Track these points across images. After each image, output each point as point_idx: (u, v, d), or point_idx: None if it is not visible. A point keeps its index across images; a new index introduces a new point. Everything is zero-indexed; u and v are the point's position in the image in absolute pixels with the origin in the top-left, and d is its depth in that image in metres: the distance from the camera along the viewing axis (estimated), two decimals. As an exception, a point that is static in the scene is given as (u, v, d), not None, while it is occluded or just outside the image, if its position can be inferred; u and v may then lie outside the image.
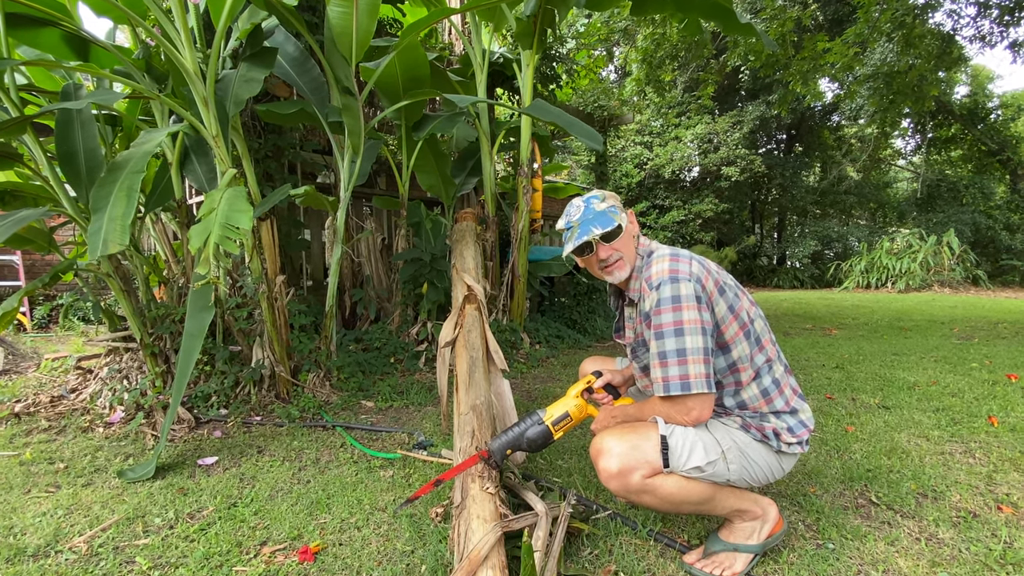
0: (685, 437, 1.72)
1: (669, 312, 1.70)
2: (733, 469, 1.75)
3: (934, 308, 10.17)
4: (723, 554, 1.83)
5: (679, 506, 1.75)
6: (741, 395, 1.81)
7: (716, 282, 1.76)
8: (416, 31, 4.04)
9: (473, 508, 1.82)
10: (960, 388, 4.02)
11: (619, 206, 1.93)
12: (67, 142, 3.45)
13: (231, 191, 2.92)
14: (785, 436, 1.79)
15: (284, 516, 2.22)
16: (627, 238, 1.89)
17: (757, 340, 1.81)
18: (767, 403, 1.80)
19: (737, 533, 1.85)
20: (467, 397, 2.56)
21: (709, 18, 4.91)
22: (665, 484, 1.70)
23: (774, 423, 1.79)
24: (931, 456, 2.76)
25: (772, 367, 1.82)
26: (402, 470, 2.68)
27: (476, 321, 3.36)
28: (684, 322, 1.68)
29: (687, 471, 1.70)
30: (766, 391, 1.80)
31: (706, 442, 1.73)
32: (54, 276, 3.39)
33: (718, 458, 1.72)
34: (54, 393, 4.01)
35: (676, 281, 1.71)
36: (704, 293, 1.72)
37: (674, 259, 1.77)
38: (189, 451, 2.99)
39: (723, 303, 1.76)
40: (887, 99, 10.79)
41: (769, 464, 1.81)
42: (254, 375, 3.67)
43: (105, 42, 3.41)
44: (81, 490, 2.50)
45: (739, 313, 1.78)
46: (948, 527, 2.07)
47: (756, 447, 1.79)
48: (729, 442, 1.76)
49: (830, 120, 21.44)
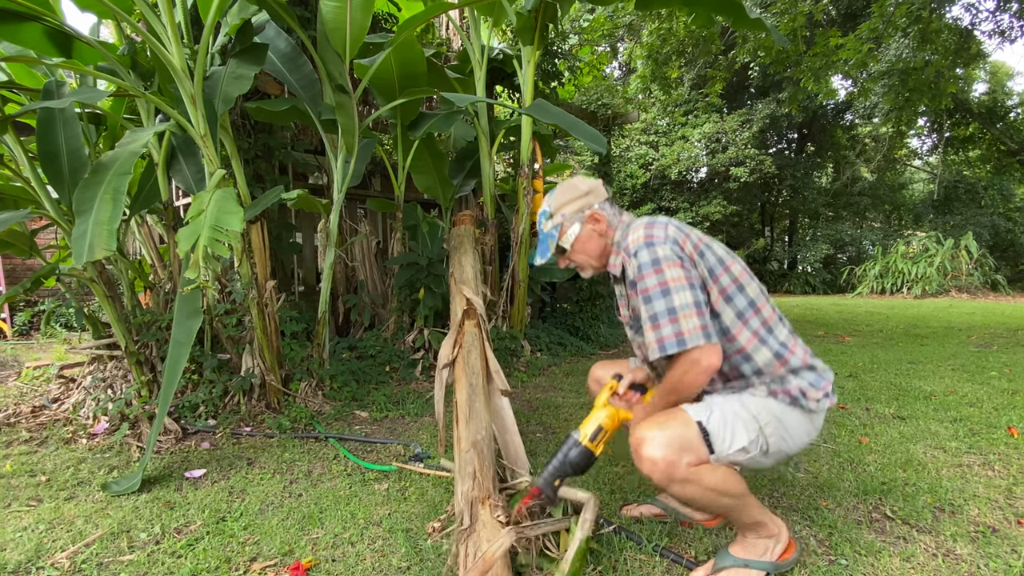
0: (724, 418, 1.75)
1: (652, 275, 1.76)
2: (772, 442, 1.78)
3: (951, 314, 10.19)
4: (733, 570, 1.83)
5: (717, 499, 1.75)
6: (755, 361, 1.83)
7: (695, 245, 1.82)
8: (412, 26, 4.06)
9: (483, 533, 1.83)
10: (978, 398, 4.03)
11: (569, 214, 2.01)
12: (49, 141, 3.46)
13: (220, 192, 2.93)
14: (811, 393, 1.81)
15: (275, 531, 2.22)
16: (583, 244, 2.01)
17: (751, 304, 1.84)
18: (783, 364, 1.82)
19: (750, 549, 1.86)
20: (467, 431, 2.50)
21: (717, 12, 4.93)
22: (712, 474, 1.72)
23: (796, 383, 1.82)
24: (948, 468, 2.77)
25: (774, 329, 1.86)
26: (398, 483, 2.69)
27: (476, 339, 3.33)
28: (668, 281, 1.74)
29: (734, 453, 1.74)
30: (778, 353, 1.83)
31: (744, 419, 1.77)
32: (36, 281, 3.40)
33: (757, 435, 1.76)
34: (35, 403, 4.01)
35: (652, 245, 1.79)
36: (684, 253, 1.79)
37: (649, 226, 1.85)
38: (176, 463, 2.99)
39: (703, 266, 1.81)
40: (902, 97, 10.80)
41: (803, 427, 1.83)
42: (244, 384, 3.68)
43: (89, 38, 3.42)
44: (64, 504, 2.50)
45: (719, 277, 1.82)
46: (966, 542, 2.08)
47: (789, 412, 1.81)
48: (766, 415, 1.79)
49: (843, 119, 21.48)
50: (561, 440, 2.64)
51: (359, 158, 4.35)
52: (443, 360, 3.11)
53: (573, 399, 4.19)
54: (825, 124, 21.35)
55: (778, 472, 2.70)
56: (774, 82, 17.16)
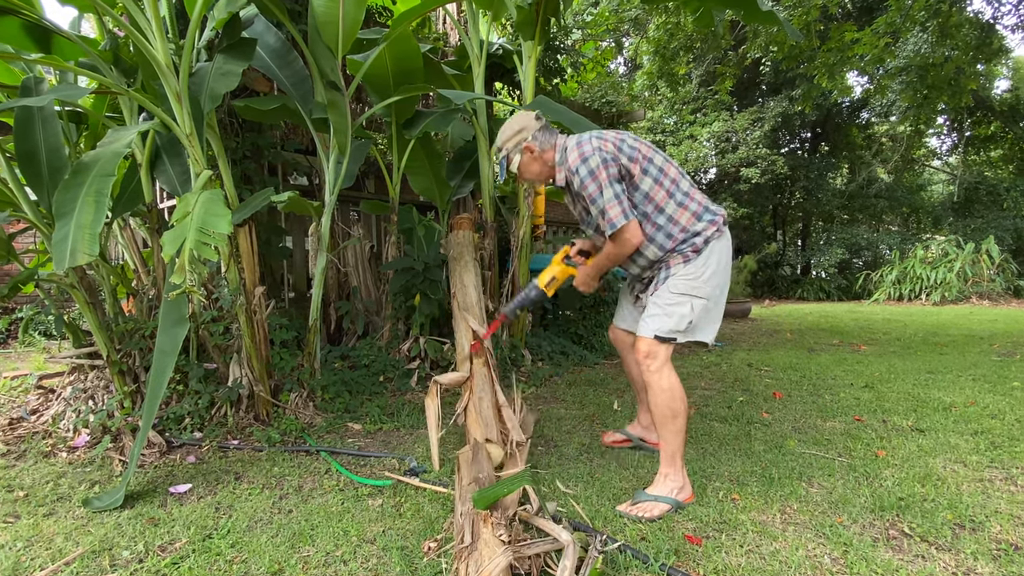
0: (674, 315, 2.61)
1: (591, 183, 2.57)
2: (706, 292, 2.64)
3: (972, 322, 10.20)
4: (648, 502, 2.50)
5: (669, 403, 2.58)
6: (667, 211, 2.64)
7: (615, 144, 2.62)
8: (408, 20, 4.08)
9: (485, 551, 1.84)
10: (1001, 409, 4.04)
11: (511, 148, 2.80)
12: (27, 141, 3.48)
13: (207, 194, 2.94)
14: (707, 232, 2.64)
15: (264, 549, 2.23)
16: (526, 167, 2.83)
17: (660, 170, 2.66)
18: (685, 210, 2.65)
19: (660, 489, 2.56)
20: (469, 471, 2.52)
21: (727, 5, 4.96)
22: (670, 376, 2.62)
23: (698, 238, 2.64)
24: (969, 483, 2.78)
25: (679, 184, 2.68)
26: (392, 498, 2.69)
27: (486, 382, 3.33)
28: (601, 183, 2.55)
29: (687, 324, 2.61)
30: (680, 202, 2.65)
31: (680, 301, 2.61)
32: (13, 287, 3.41)
33: (690, 302, 2.61)
34: (13, 415, 4.02)
35: (586, 160, 2.59)
36: (606, 153, 2.58)
37: (579, 146, 2.64)
38: (160, 478, 3.00)
39: (623, 157, 2.61)
40: (921, 94, 10.84)
41: (715, 256, 2.66)
42: (231, 395, 3.68)
43: (69, 32, 3.44)
44: (42, 520, 2.50)
45: (636, 160, 2.62)
46: (988, 560, 2.08)
47: (702, 260, 2.63)
48: (688, 284, 2.62)
49: (859, 117, 21.49)
50: (564, 454, 3.23)
51: (352, 158, 4.37)
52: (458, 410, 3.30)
53: (576, 411, 4.20)
54: (840, 123, 21.37)
55: (791, 488, 2.71)
56: (787, 79, 17.17)
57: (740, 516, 2.44)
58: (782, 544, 2.20)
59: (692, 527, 2.37)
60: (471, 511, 2.09)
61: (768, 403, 4.36)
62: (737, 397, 4.54)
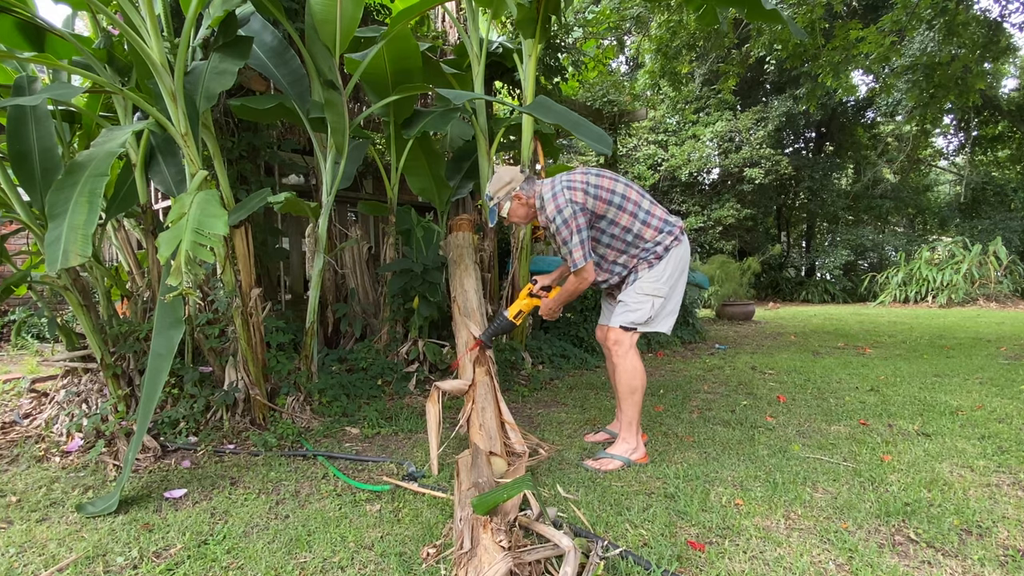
0: (637, 311, 3.19)
1: (564, 230, 3.09)
2: (665, 291, 3.19)
3: (979, 324, 10.19)
4: (606, 459, 3.15)
5: (630, 381, 3.20)
6: (632, 231, 3.18)
7: (583, 190, 3.12)
8: (406, 19, 4.09)
9: (485, 557, 1.84)
10: (1008, 413, 4.04)
11: (502, 196, 3.33)
12: (20, 140, 3.48)
13: (202, 195, 2.95)
14: (666, 242, 3.18)
15: (260, 555, 2.23)
16: (514, 212, 3.37)
17: (623, 197, 3.18)
18: (647, 226, 3.19)
19: (618, 449, 3.20)
20: (468, 476, 2.53)
21: (730, 3, 4.96)
22: (634, 358, 3.24)
23: (660, 247, 3.18)
24: (976, 488, 2.78)
25: (640, 205, 3.20)
26: (391, 503, 2.70)
27: (488, 391, 3.38)
28: (572, 231, 3.08)
29: (648, 319, 3.20)
30: (644, 220, 3.18)
31: (644, 299, 3.18)
32: (6, 289, 3.41)
33: (652, 300, 3.17)
34: (5, 419, 4.02)
35: (560, 211, 3.09)
36: (577, 204, 3.09)
37: (554, 198, 3.13)
38: (155, 483, 3.00)
39: (591, 200, 3.12)
40: (927, 93, 10.82)
41: (674, 263, 3.21)
42: (227, 399, 3.69)
43: (62, 30, 3.44)
44: (35, 526, 2.51)
45: (600, 195, 3.14)
46: (995, 566, 2.08)
47: (665, 265, 3.18)
48: (653, 285, 3.17)
49: (864, 117, 21.47)
50: (564, 458, 3.29)
51: (350, 159, 4.37)
52: (461, 420, 3.38)
53: (577, 415, 4.20)
54: (845, 122, 21.35)
55: (795, 493, 2.71)
56: (791, 77, 17.17)
57: (743, 521, 2.44)
58: (786, 550, 2.20)
59: (695, 533, 2.36)
60: (471, 516, 2.09)
61: (772, 407, 4.36)
62: (741, 401, 4.55)
